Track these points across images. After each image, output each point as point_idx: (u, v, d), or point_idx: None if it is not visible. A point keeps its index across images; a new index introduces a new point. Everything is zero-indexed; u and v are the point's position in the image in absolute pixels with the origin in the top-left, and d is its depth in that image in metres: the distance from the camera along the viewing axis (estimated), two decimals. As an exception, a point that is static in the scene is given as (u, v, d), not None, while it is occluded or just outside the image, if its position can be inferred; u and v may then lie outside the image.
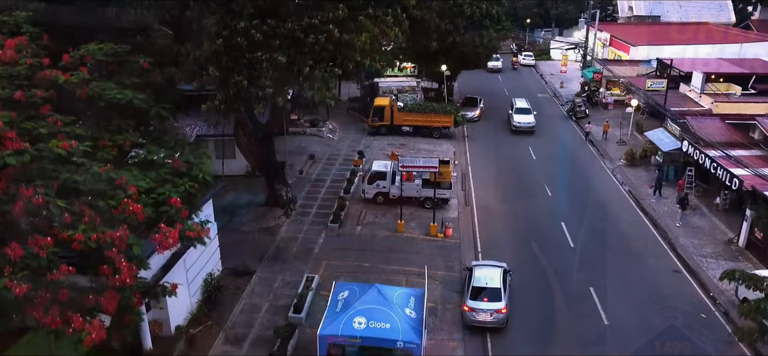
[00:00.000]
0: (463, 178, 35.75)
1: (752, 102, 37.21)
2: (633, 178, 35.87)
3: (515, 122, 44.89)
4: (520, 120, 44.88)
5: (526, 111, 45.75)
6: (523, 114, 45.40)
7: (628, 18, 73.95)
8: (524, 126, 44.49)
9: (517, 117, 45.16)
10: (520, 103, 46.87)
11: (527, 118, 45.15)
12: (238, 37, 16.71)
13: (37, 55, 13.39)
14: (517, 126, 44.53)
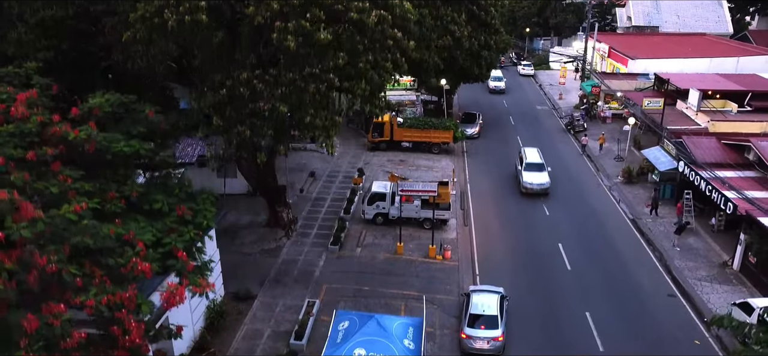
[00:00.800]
0: (461, 196, 36.14)
1: (748, 120, 37.69)
2: (630, 195, 36.27)
3: (526, 182, 35.72)
4: (532, 180, 35.72)
5: (537, 167, 36.50)
6: (535, 171, 36.16)
7: (626, 28, 74.39)
8: (536, 187, 35.51)
9: (527, 176, 35.95)
10: (530, 156, 37.40)
11: (540, 176, 35.87)
12: (241, 88, 17.18)
13: (47, 107, 13.82)
14: (528, 187, 35.57)
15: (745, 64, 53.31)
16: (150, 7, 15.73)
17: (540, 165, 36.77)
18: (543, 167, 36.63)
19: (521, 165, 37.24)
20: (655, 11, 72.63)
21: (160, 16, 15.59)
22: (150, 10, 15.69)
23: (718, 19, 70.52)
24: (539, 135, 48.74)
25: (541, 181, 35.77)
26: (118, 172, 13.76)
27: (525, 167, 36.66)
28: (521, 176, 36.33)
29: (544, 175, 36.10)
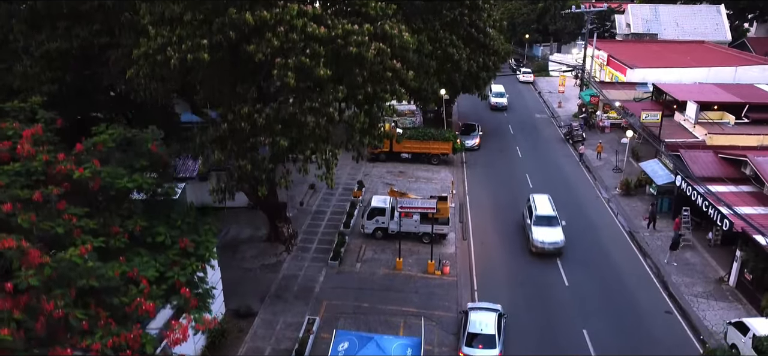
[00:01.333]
0: (460, 209, 36.40)
1: (744, 133, 37.93)
2: (628, 208, 36.53)
3: (536, 240, 30.01)
4: (543, 237, 29.99)
5: (549, 220, 30.77)
6: (546, 226, 30.53)
7: (625, 35, 74.62)
8: (549, 246, 29.88)
9: (538, 233, 30.20)
10: (541, 206, 31.73)
11: (553, 233, 30.21)
12: (242, 122, 17.44)
13: (52, 142, 14.08)
14: (538, 246, 29.98)
15: (742, 73, 53.58)
16: (153, 44, 16.00)
17: (552, 218, 30.95)
18: (556, 220, 30.87)
19: (530, 217, 31.34)
20: (654, 18, 72.91)
21: (163, 53, 15.86)
22: (153, 46, 15.96)
23: (717, 27, 70.77)
24: (538, 145, 49.01)
25: (554, 239, 30.01)
26: (122, 206, 14.03)
27: (535, 221, 30.77)
28: (530, 232, 30.58)
29: (558, 231, 30.47)
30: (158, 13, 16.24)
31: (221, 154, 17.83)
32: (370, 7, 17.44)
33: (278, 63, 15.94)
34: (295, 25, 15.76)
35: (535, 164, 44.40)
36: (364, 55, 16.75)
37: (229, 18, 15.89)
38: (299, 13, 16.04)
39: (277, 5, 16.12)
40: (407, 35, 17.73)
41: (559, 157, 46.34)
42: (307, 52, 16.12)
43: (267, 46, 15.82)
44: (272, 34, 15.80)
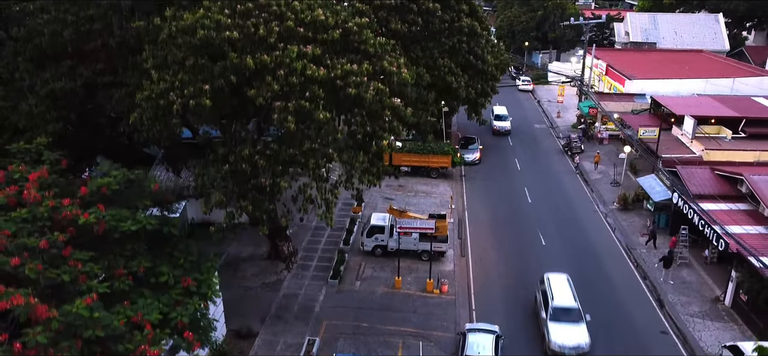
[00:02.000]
0: (459, 224, 36.69)
1: (741, 149, 38.22)
2: (625, 224, 36.82)
3: (555, 343, 23.64)
4: (564, 339, 23.71)
5: (570, 315, 24.55)
6: (567, 323, 24.27)
7: (624, 43, 74.88)
8: (570, 351, 23.54)
9: (556, 332, 23.95)
10: (559, 294, 25.45)
11: (575, 333, 23.91)
12: (243, 163, 17.76)
13: (57, 184, 14.39)
14: (558, 351, 23.56)
15: (740, 84, 53.83)
16: (156, 89, 16.32)
17: (574, 311, 24.66)
18: (579, 315, 24.57)
19: (545, 309, 25.16)
20: (652, 27, 73.17)
21: (166, 98, 16.18)
22: (156, 91, 16.28)
23: (715, 36, 71.05)
24: (537, 157, 49.30)
25: (578, 342, 23.59)
26: (126, 247, 14.34)
27: (551, 314, 24.61)
28: (547, 329, 24.25)
29: (582, 330, 23.99)
30: (161, 57, 16.57)
31: (222, 196, 18.16)
32: (368, 45, 17.77)
33: (278, 106, 16.27)
34: (294, 68, 16.08)
35: (533, 177, 44.68)
36: (362, 95, 17.08)
37: (231, 62, 16.22)
38: (299, 55, 16.37)
39: (278, 47, 16.46)
40: (405, 73, 18.03)
41: (558, 169, 46.61)
42: (306, 95, 16.45)
43: (267, 89, 16.14)
44: (272, 77, 16.13)
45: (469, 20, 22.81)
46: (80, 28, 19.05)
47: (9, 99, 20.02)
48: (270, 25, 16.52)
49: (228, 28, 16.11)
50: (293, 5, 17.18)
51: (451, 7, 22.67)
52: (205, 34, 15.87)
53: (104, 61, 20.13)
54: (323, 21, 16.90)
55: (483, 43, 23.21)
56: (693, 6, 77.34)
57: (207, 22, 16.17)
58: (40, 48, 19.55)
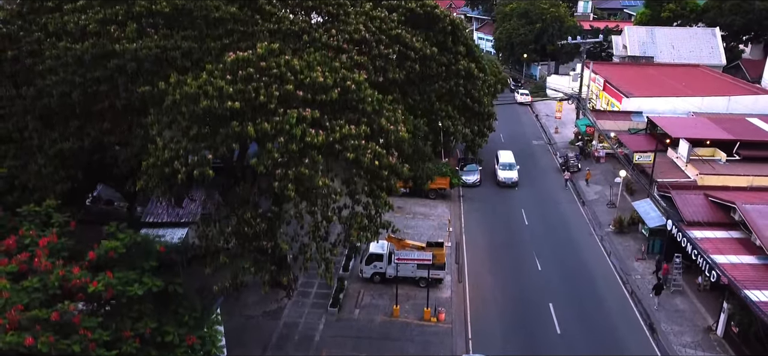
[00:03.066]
0: (456, 248, 37.24)
1: (734, 174, 38.74)
2: (620, 248, 37.36)
3: None
4: None
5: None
6: None
7: (622, 57, 75.45)
8: None
9: None
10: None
11: None
12: (245, 227, 18.37)
13: (66, 249, 14.95)
14: None
15: (735, 102, 54.43)
16: (161, 156, 16.87)
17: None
18: None
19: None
20: (650, 41, 73.70)
21: (171, 166, 16.74)
22: (161, 158, 16.84)
23: (712, 51, 71.57)
24: (534, 176, 49.79)
25: None
26: (133, 308, 14.87)
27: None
28: None
29: None
30: (166, 123, 17.15)
31: (226, 257, 18.74)
32: (366, 103, 18.34)
33: (279, 174, 16.84)
34: (294, 135, 16.65)
35: (531, 198, 45.22)
36: (361, 159, 17.66)
37: (233, 130, 16.79)
38: (298, 120, 16.94)
39: (278, 113, 17.04)
40: (403, 130, 18.61)
41: (555, 189, 47.14)
42: (305, 161, 17.02)
43: (268, 157, 16.70)
44: (272, 144, 16.70)
45: (466, 62, 23.35)
46: (87, 90, 19.63)
47: (19, 157, 20.60)
48: (270, 89, 17.10)
49: (230, 98, 16.69)
50: (293, 64, 17.76)
51: (448, 48, 23.23)
52: (209, 104, 16.47)
53: (111, 121, 20.69)
54: (322, 83, 17.49)
55: (479, 84, 23.73)
56: (690, 19, 77.84)
57: (210, 88, 16.75)
58: (48, 107, 20.14)
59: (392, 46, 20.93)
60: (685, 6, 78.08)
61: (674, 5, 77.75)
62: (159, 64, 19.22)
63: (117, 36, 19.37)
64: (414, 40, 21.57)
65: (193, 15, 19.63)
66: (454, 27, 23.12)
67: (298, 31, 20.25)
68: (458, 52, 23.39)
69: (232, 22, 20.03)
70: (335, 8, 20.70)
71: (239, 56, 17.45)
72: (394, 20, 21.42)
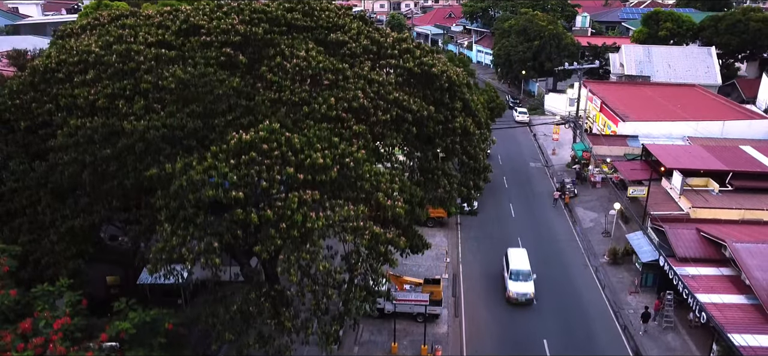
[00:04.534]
0: (453, 280, 37.95)
1: (726, 207, 39.45)
2: (615, 280, 38.05)
3: None
4: None
5: None
6: None
7: (619, 75, 76.20)
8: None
9: None
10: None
11: None
12: (250, 307, 19.09)
13: (80, 329, 15.65)
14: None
15: (730, 127, 55.16)
16: (169, 243, 17.58)
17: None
18: None
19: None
20: (647, 60, 74.49)
21: (178, 252, 17.47)
22: (169, 245, 17.55)
23: (708, 70, 72.37)
24: (531, 201, 50.52)
25: None
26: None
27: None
28: None
29: None
30: (174, 208, 17.87)
31: (232, 336, 19.47)
32: (365, 181, 19.06)
33: (281, 260, 17.59)
34: (296, 220, 17.41)
35: (527, 225, 45.94)
36: (359, 241, 18.43)
37: (237, 218, 17.52)
38: (299, 204, 17.69)
39: (279, 198, 17.77)
40: (400, 206, 19.33)
41: (551, 216, 47.84)
42: (307, 246, 17.78)
43: (271, 243, 17.45)
44: (275, 230, 17.46)
45: (462, 119, 24.05)
46: (97, 168, 20.35)
47: (32, 231, 21.34)
48: (272, 173, 17.86)
49: (235, 186, 17.44)
50: (293, 143, 18.48)
51: (445, 105, 23.96)
52: (214, 194, 17.23)
53: (120, 199, 21.44)
54: (321, 164, 18.23)
55: (475, 141, 24.46)
56: (687, 38, 78.67)
57: (214, 174, 17.49)
58: (60, 184, 20.86)
59: (390, 111, 21.68)
60: (682, 24, 78.89)
61: (671, 24, 78.56)
62: (166, 142, 19.96)
63: (125, 112, 20.15)
64: (411, 102, 22.31)
65: (198, 90, 20.39)
66: (451, 84, 23.84)
67: (299, 102, 21.00)
68: (455, 108, 24.09)
69: (234, 96, 20.81)
70: (334, 75, 21.44)
71: (242, 139, 18.21)
72: (392, 82, 22.16)
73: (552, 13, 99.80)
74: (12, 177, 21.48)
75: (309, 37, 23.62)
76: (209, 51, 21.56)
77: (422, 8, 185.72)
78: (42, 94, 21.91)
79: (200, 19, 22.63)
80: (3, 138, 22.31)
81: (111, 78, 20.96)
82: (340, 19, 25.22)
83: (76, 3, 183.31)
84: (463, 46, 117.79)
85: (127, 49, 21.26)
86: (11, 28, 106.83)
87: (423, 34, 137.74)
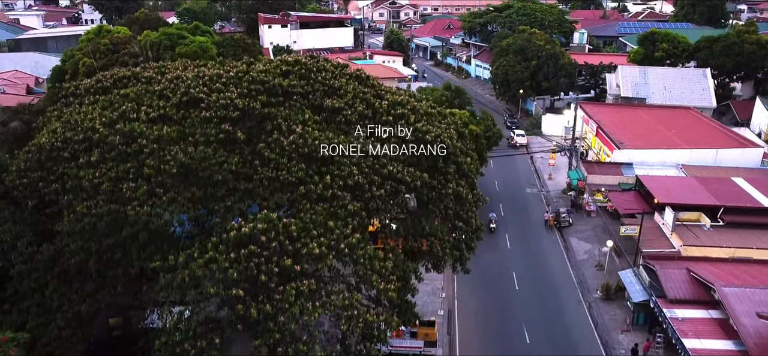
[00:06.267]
0: (449, 317, 38.67)
1: (717, 245, 40.15)
2: (607, 317, 38.77)
3: None
4: None
5: None
6: None
7: (616, 96, 76.91)
8: None
9: None
10: None
11: None
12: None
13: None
14: None
15: (723, 155, 55.91)
16: (173, 338, 18.33)
17: None
18: None
19: None
20: (643, 81, 75.18)
21: (182, 346, 18.19)
22: (173, 339, 18.30)
23: (703, 92, 73.04)
24: (527, 232, 51.20)
25: None
26: None
27: None
28: None
29: None
30: (177, 300, 18.60)
31: None
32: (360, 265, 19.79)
33: (280, 352, 18.36)
34: (293, 313, 18.15)
35: (522, 257, 46.64)
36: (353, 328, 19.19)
37: (237, 314, 18.28)
38: (297, 295, 18.43)
39: (278, 290, 18.54)
40: (392, 290, 20.07)
41: (547, 247, 48.49)
42: (304, 338, 18.53)
43: (269, 336, 18.18)
44: (273, 323, 18.20)
45: (455, 184, 24.75)
46: (103, 256, 21.13)
47: (40, 315, 22.07)
48: (271, 266, 18.62)
49: (235, 283, 18.19)
50: (291, 230, 19.24)
51: (438, 169, 24.66)
52: (215, 291, 17.99)
53: (124, 285, 22.20)
54: (317, 254, 18.98)
55: (468, 205, 25.14)
56: (682, 58, 79.40)
57: (215, 268, 18.27)
58: (67, 269, 21.63)
59: (384, 185, 22.41)
60: (678, 45, 79.62)
61: (667, 44, 79.28)
62: (169, 228, 20.71)
63: (129, 196, 20.89)
64: (405, 172, 23.02)
65: (198, 175, 21.12)
66: (445, 149, 24.51)
67: (296, 181, 21.72)
68: (448, 173, 24.78)
69: (233, 181, 21.55)
70: (330, 151, 22.17)
71: (242, 232, 18.95)
72: (386, 155, 22.88)
73: (550, 29, 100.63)
74: (20, 258, 22.27)
75: (305, 105, 24.34)
76: (209, 127, 22.31)
77: (421, 16, 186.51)
78: (49, 173, 22.66)
79: (200, 91, 23.37)
80: (11, 216, 23.12)
81: (115, 160, 21.70)
82: (335, 80, 25.92)
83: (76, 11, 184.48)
84: (462, 60, 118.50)
85: (130, 131, 22.03)
86: (12, 43, 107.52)
87: (422, 46, 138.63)
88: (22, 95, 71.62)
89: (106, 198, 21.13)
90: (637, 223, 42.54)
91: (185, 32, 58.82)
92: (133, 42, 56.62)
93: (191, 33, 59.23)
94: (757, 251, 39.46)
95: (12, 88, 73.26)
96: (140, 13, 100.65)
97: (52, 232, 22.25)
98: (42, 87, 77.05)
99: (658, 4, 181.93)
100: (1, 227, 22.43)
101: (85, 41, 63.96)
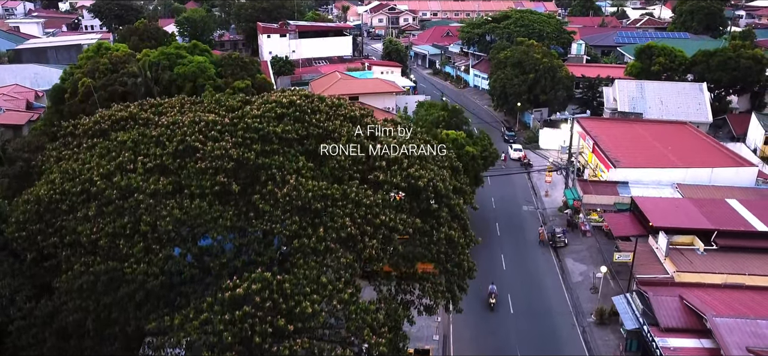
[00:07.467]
0: (443, 342, 39.06)
1: (710, 270, 40.53)
2: (601, 342, 39.15)
3: None
4: None
5: None
6: None
7: (612, 111, 77.29)
8: None
9: None
10: None
11: None
12: None
13: None
14: None
15: (718, 174, 56.28)
16: None
17: None
18: None
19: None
20: (640, 96, 75.58)
21: None
22: None
23: (699, 107, 73.44)
24: (522, 252, 51.52)
25: None
26: None
27: None
28: None
29: None
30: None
31: None
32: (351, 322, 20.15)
33: None
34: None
35: (517, 278, 47.00)
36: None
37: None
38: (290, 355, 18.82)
39: (271, 353, 18.90)
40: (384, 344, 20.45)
41: (542, 268, 48.85)
42: None
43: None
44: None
45: (446, 229, 25.15)
46: (100, 315, 21.54)
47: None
48: (264, 326, 18.99)
49: (229, 347, 18.59)
50: (284, 287, 19.64)
51: (430, 213, 25.07)
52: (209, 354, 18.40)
53: (122, 343, 22.60)
54: (310, 312, 19.38)
55: (460, 249, 25.56)
56: (679, 72, 79.78)
57: (210, 330, 18.64)
58: (64, 327, 22.05)
59: (377, 235, 22.81)
60: (675, 59, 80.00)
61: (664, 58, 79.66)
62: (164, 290, 21.13)
63: (126, 252, 21.30)
64: (398, 220, 23.42)
65: (194, 232, 21.54)
66: (437, 193, 24.92)
67: (290, 235, 22.11)
68: (441, 216, 25.18)
69: (226, 239, 21.96)
70: (323, 203, 22.56)
71: (237, 293, 19.34)
72: (379, 204, 23.27)
73: (548, 40, 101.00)
74: (19, 313, 22.68)
75: (300, 150, 24.72)
76: (204, 179, 22.67)
77: (421, 21, 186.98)
78: (47, 225, 23.05)
79: (196, 139, 23.73)
80: (10, 269, 23.54)
81: (112, 214, 22.08)
82: (330, 122, 26.28)
83: (75, 17, 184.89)
84: (461, 69, 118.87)
85: (127, 185, 22.41)
86: (12, 54, 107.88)
87: (421, 54, 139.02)
88: (22, 111, 72.21)
89: (104, 254, 21.56)
90: (630, 248, 42.85)
91: (183, 51, 59.20)
92: (132, 61, 56.99)
93: (189, 52, 59.61)
94: (749, 277, 39.86)
95: (12, 103, 73.70)
96: (140, 23, 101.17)
97: (51, 286, 22.69)
98: (41, 101, 77.50)
99: (657, 9, 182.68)
100: (1, 281, 22.88)
101: (84, 59, 64.42)
